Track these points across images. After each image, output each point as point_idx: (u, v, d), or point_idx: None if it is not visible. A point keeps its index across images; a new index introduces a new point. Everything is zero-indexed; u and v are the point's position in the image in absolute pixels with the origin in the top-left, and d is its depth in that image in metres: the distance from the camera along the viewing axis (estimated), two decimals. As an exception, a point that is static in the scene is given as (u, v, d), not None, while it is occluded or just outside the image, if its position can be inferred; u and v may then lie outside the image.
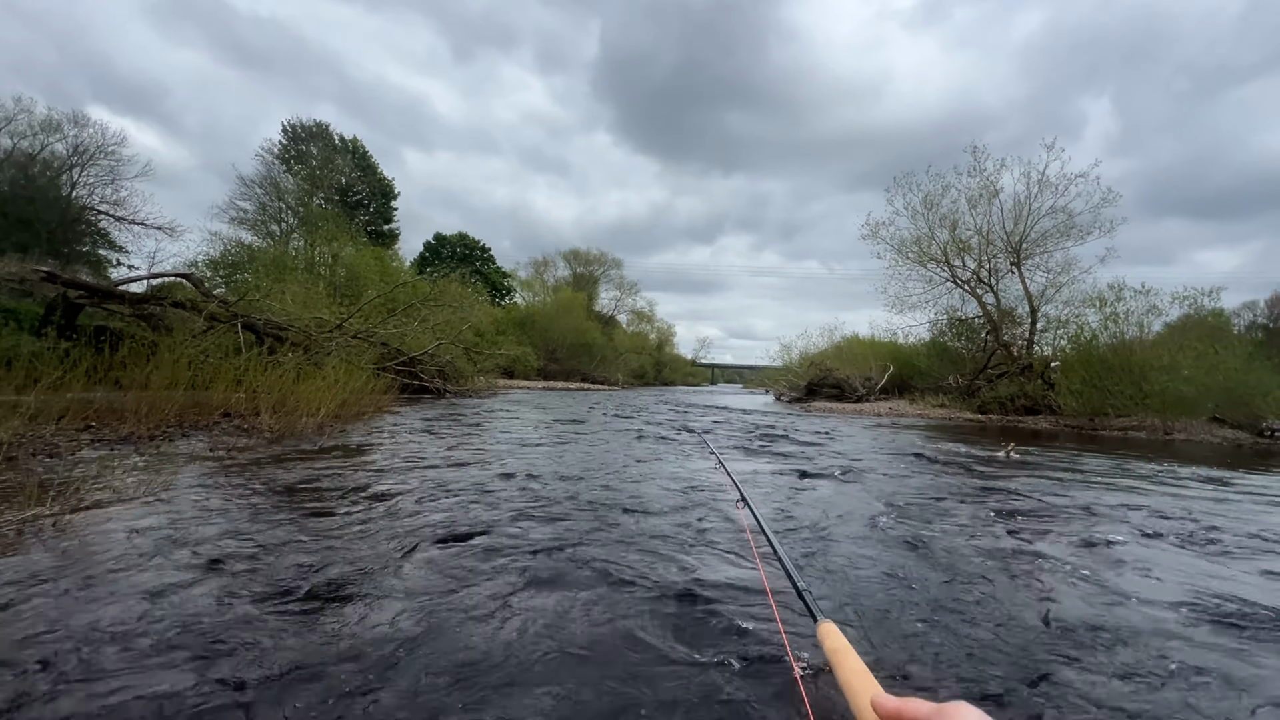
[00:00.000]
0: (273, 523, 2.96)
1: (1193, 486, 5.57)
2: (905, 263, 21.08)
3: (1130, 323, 16.06)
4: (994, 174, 19.02)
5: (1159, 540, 3.44)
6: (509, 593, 2.23)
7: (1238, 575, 2.85)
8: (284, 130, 35.99)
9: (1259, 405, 12.77)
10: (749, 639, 1.93)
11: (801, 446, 7.55)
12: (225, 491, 3.56)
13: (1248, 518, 4.20)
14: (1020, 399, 16.93)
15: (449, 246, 47.12)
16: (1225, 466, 7.45)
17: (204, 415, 6.44)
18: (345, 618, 1.96)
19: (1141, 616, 2.28)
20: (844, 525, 3.49)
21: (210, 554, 2.47)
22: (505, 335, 28.73)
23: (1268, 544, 3.46)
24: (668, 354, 62.67)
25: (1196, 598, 2.50)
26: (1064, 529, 3.62)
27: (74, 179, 22.86)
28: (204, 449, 4.97)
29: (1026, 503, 4.42)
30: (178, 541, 2.60)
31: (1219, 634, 2.16)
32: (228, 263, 19.18)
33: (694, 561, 2.69)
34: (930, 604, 2.32)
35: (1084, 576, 2.72)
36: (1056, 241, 18.62)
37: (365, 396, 8.72)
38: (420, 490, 3.87)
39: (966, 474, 5.79)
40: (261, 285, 12.39)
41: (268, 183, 26.77)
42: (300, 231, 26.37)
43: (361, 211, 38.59)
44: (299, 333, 10.28)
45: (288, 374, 7.49)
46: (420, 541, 2.79)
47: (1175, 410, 13.39)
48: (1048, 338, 18.66)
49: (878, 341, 24.36)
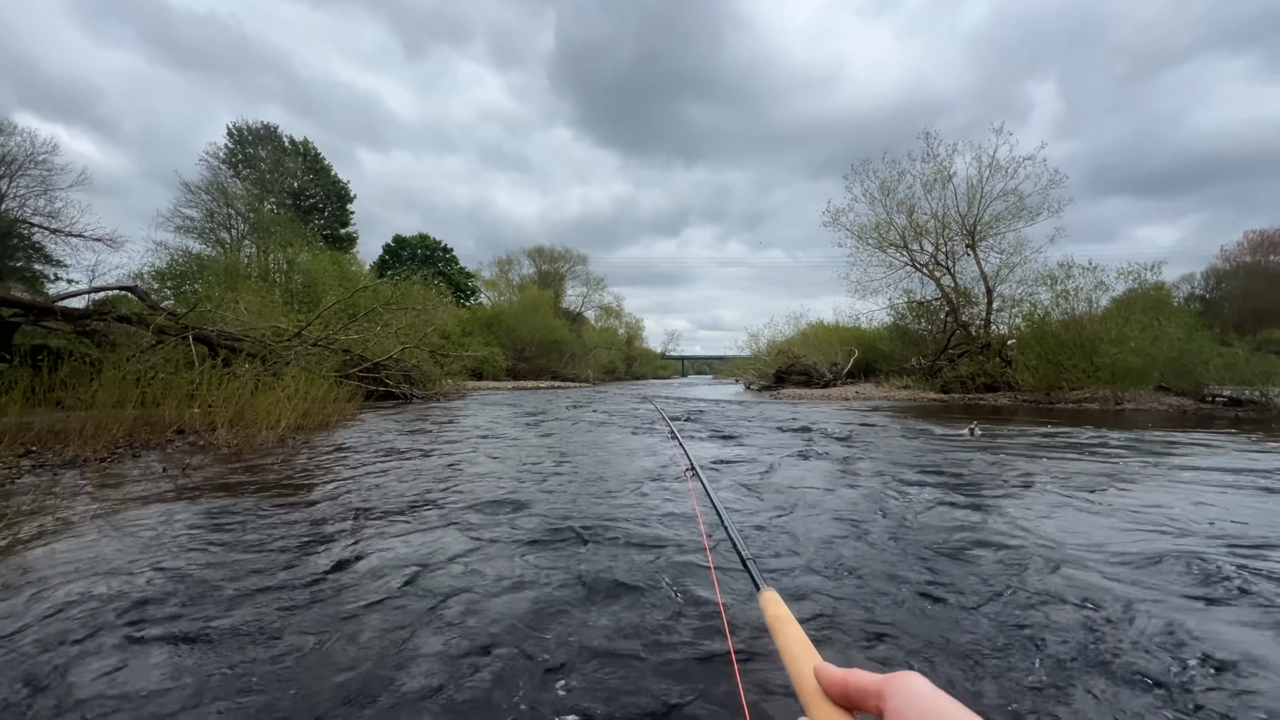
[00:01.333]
0: (225, 545, 2.84)
1: (1123, 453, 5.83)
2: (866, 248, 21.56)
3: (1079, 299, 16.74)
4: (946, 159, 19.58)
5: (1091, 507, 3.58)
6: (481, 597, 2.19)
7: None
8: (229, 133, 34.71)
9: (1201, 373, 13.44)
10: (693, 606, 1.94)
11: (769, 432, 7.63)
12: (175, 513, 3.41)
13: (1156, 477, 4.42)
14: (980, 377, 17.49)
15: (409, 249, 46.17)
16: (1166, 430, 7.82)
17: (156, 434, 6.17)
18: (308, 660, 1.89)
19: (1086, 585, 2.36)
20: (803, 501, 3.53)
21: (149, 588, 2.36)
22: (472, 336, 28.31)
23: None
24: (638, 348, 62.70)
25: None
26: (1008, 502, 3.74)
27: (2, 190, 21.62)
28: (156, 469, 4.76)
29: (985, 479, 4.55)
30: (119, 571, 2.48)
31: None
32: (175, 273, 18.43)
33: (646, 532, 2.68)
34: (879, 575, 2.36)
35: (1030, 543, 2.81)
36: (1009, 223, 19.27)
37: (328, 406, 8.49)
38: (380, 502, 3.77)
39: (931, 452, 5.93)
40: (213, 295, 11.94)
41: (214, 188, 25.73)
42: (252, 238, 25.45)
43: (316, 216, 37.49)
44: (255, 343, 9.94)
45: (245, 386, 7.22)
46: (386, 564, 2.71)
47: (1124, 381, 14.00)
48: (1004, 317, 19.31)
49: (842, 327, 24.83)
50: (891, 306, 22.07)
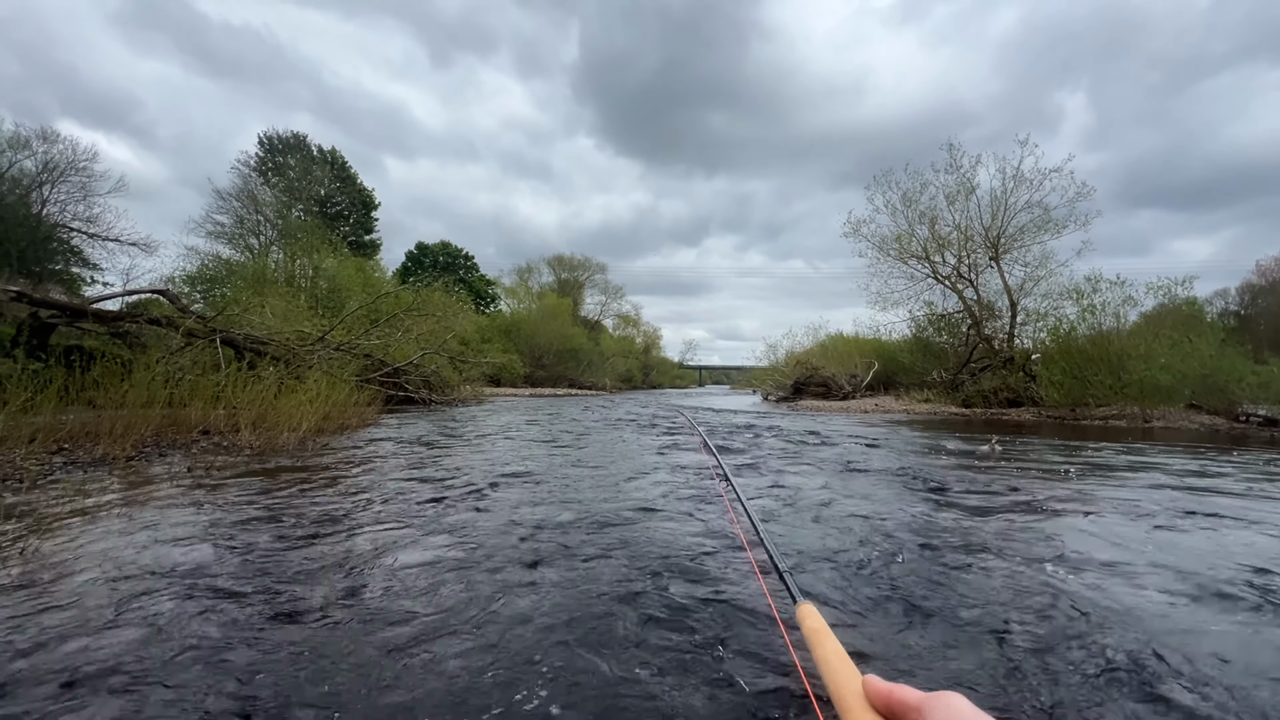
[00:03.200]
0: (248, 545, 2.90)
1: (1162, 472, 5.67)
2: (887, 260, 21.34)
3: (1107, 313, 16.37)
4: (970, 170, 19.35)
5: (1125, 522, 3.49)
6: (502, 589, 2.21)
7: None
8: (260, 142, 35.69)
9: (1233, 391, 13.05)
10: (739, 614, 1.93)
11: (790, 444, 7.58)
12: (201, 511, 3.49)
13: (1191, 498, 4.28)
14: (1003, 392, 17.16)
15: (431, 256, 46.88)
16: (1195, 452, 7.59)
17: (182, 433, 6.32)
18: (337, 639, 1.92)
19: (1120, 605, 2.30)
20: (827, 515, 3.49)
21: (180, 580, 2.41)
22: (491, 343, 28.58)
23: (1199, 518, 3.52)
24: (655, 357, 62.72)
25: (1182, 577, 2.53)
26: (1033, 520, 3.66)
27: (44, 196, 22.45)
28: (181, 468, 4.88)
29: (1007, 495, 4.46)
30: (147, 567, 2.54)
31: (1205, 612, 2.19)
32: (205, 277, 18.93)
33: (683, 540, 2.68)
34: (904, 591, 2.32)
35: (1053, 565, 2.74)
36: (1033, 236, 18.95)
37: (348, 409, 8.62)
38: (399, 504, 3.82)
39: (952, 467, 5.84)
40: (241, 299, 12.22)
41: (245, 195, 26.46)
42: (279, 244, 26.07)
43: (342, 222, 38.27)
44: (280, 346, 10.14)
45: (268, 389, 7.38)
46: (399, 559, 2.75)
47: (1153, 398, 13.64)
48: (1028, 330, 18.95)
49: (862, 339, 24.57)
50: (912, 318, 21.82)
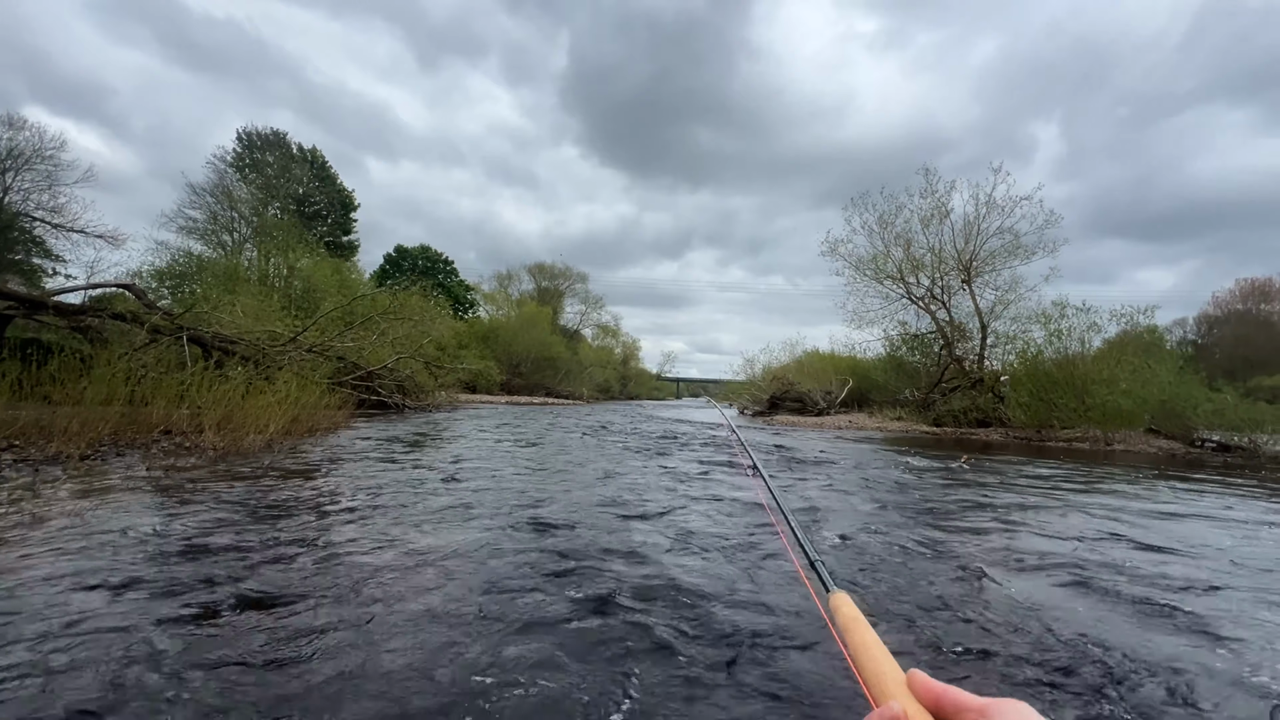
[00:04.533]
0: (201, 551, 2.82)
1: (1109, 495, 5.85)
2: (863, 279, 21.71)
3: (1073, 339, 16.82)
4: (945, 195, 19.83)
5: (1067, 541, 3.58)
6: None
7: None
8: (239, 138, 35.04)
9: (1190, 417, 13.50)
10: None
11: (766, 458, 7.62)
12: (155, 514, 3.38)
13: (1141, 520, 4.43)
14: (973, 412, 17.51)
15: (410, 259, 46.33)
16: (1152, 476, 7.83)
17: (142, 433, 6.12)
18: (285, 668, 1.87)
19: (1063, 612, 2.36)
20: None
21: (126, 587, 2.33)
22: (468, 349, 28.29)
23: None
24: (633, 368, 62.65)
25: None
26: (993, 538, 3.74)
27: (6, 184, 21.71)
28: (139, 469, 4.72)
29: (975, 512, 4.55)
30: (92, 572, 2.45)
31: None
32: (175, 273, 18.40)
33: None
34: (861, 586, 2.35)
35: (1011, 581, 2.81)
36: (1004, 260, 19.46)
37: (319, 412, 8.45)
38: (365, 512, 3.75)
39: (922, 485, 5.93)
40: (211, 297, 11.93)
41: (220, 191, 25.88)
42: (254, 242, 25.54)
43: (319, 222, 37.67)
44: (250, 346, 9.91)
45: (236, 389, 7.19)
46: (364, 573, 2.69)
47: (1115, 422, 14.04)
48: (998, 353, 19.38)
49: (838, 356, 24.88)
50: (887, 338, 22.19)
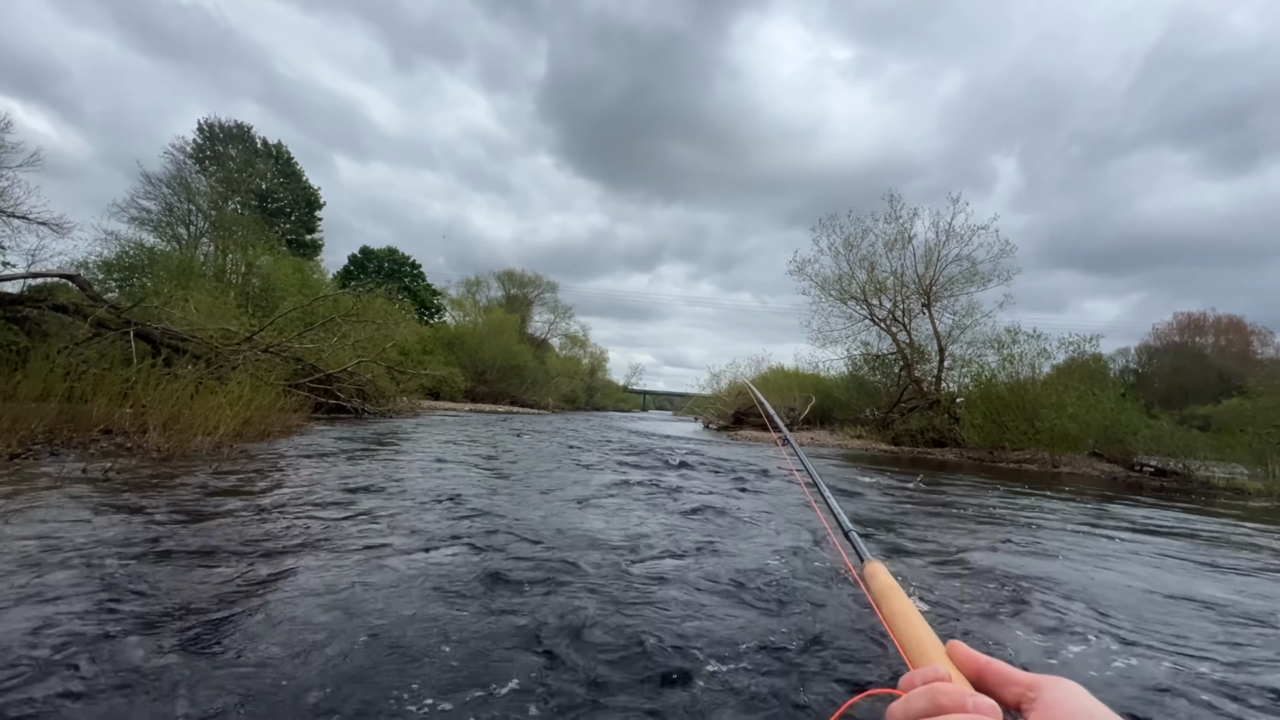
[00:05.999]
0: (134, 558, 2.69)
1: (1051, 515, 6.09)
2: (828, 299, 22.22)
3: (1024, 364, 17.52)
4: (908, 221, 20.50)
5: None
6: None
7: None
8: (200, 129, 33.91)
9: (1130, 442, 14.17)
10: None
11: (722, 474, 7.68)
12: (81, 519, 3.21)
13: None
14: (930, 432, 18.03)
15: (376, 261, 45.38)
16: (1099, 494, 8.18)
17: (80, 432, 5.82)
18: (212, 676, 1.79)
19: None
20: (742, 540, 3.56)
21: (51, 599, 2.21)
22: (432, 355, 27.78)
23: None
24: (600, 379, 62.55)
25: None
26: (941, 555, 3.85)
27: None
28: (75, 470, 4.48)
29: (925, 529, 4.67)
30: (12, 582, 2.31)
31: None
32: (124, 266, 17.60)
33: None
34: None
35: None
36: (962, 286, 20.18)
37: (273, 415, 8.16)
38: (309, 523, 3.64)
39: (871, 503, 6.06)
40: (162, 291, 11.44)
41: (177, 182, 24.90)
42: (211, 236, 24.66)
43: (282, 220, 36.65)
44: (202, 344, 9.54)
45: (185, 388, 6.90)
46: (299, 587, 2.61)
47: (1061, 445, 14.63)
48: (954, 375, 20.04)
49: (802, 373, 25.31)
50: (849, 357, 22.71)
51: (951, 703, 0.38)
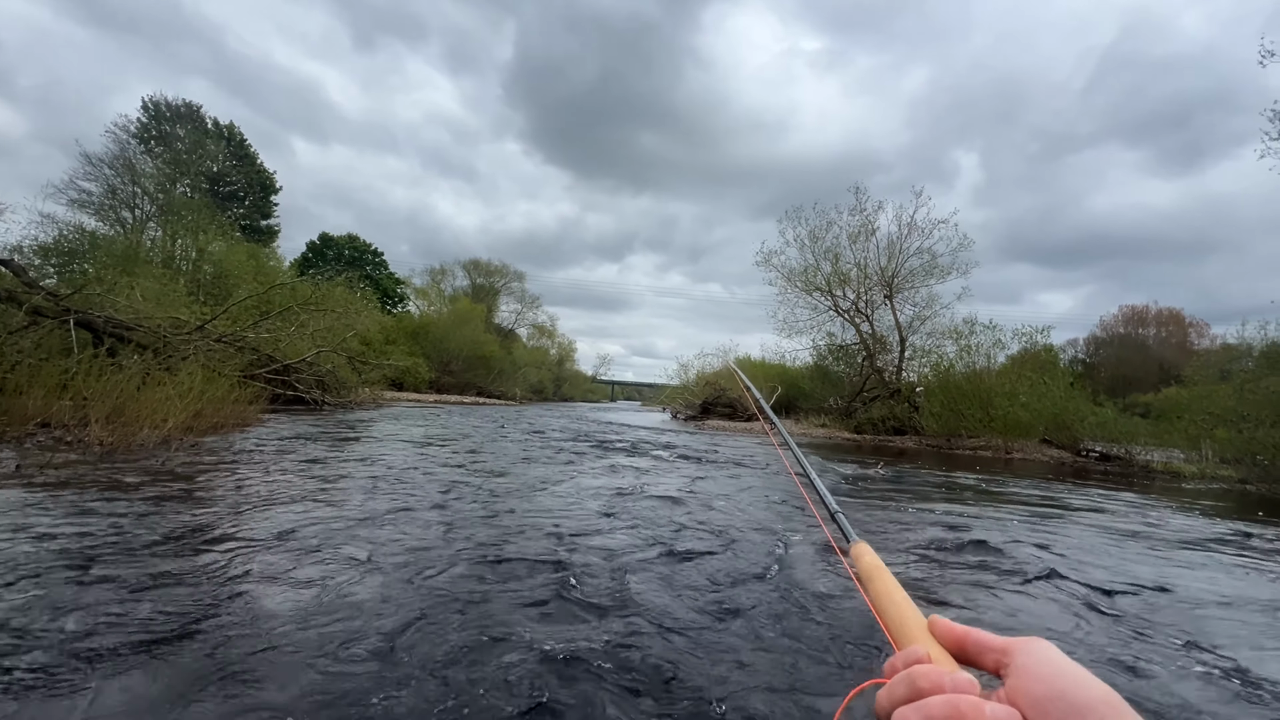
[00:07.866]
0: (74, 561, 2.57)
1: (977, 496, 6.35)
2: (794, 290, 22.53)
3: (980, 354, 18.12)
4: (872, 214, 20.90)
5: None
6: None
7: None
8: (145, 106, 32.28)
9: (1077, 429, 14.82)
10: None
11: (693, 463, 7.75)
12: (22, 518, 3.05)
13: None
14: (890, 420, 18.51)
15: (336, 248, 44.07)
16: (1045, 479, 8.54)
17: (15, 425, 5.52)
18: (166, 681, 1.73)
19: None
20: (700, 524, 3.61)
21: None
22: (395, 345, 27.21)
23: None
24: (568, 370, 62.17)
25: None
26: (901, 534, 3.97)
27: None
28: (9, 466, 4.25)
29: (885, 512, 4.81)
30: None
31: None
32: (62, 250, 16.64)
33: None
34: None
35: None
36: (922, 279, 20.70)
37: (226, 407, 7.88)
38: (261, 521, 3.53)
39: (844, 489, 6.21)
40: (105, 278, 10.88)
41: (120, 163, 23.63)
42: (159, 221, 23.53)
43: (236, 204, 35.25)
44: (149, 333, 9.12)
45: (130, 379, 6.59)
46: (250, 588, 2.54)
47: (1014, 433, 15.21)
48: (914, 365, 20.58)
49: (768, 364, 25.65)
50: (814, 347, 23.11)
51: (930, 685, 0.39)
